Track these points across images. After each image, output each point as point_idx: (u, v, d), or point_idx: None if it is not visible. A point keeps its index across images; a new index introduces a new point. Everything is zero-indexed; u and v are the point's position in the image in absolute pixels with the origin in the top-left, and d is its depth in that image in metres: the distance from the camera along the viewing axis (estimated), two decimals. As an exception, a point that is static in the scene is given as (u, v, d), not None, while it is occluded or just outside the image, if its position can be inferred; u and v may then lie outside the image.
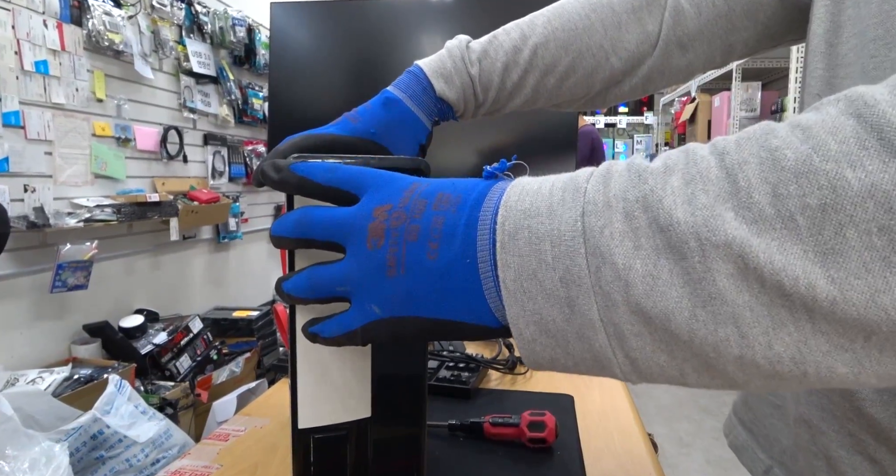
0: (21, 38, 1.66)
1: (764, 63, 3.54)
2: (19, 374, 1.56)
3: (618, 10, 0.53)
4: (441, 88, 0.51)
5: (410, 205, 0.27)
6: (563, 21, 0.53)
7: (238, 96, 2.69)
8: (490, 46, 0.52)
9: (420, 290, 0.26)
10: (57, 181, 1.80)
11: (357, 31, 1.07)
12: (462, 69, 0.51)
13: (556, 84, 0.54)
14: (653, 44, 0.54)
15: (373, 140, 0.49)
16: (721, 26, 0.52)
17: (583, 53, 0.53)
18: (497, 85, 0.52)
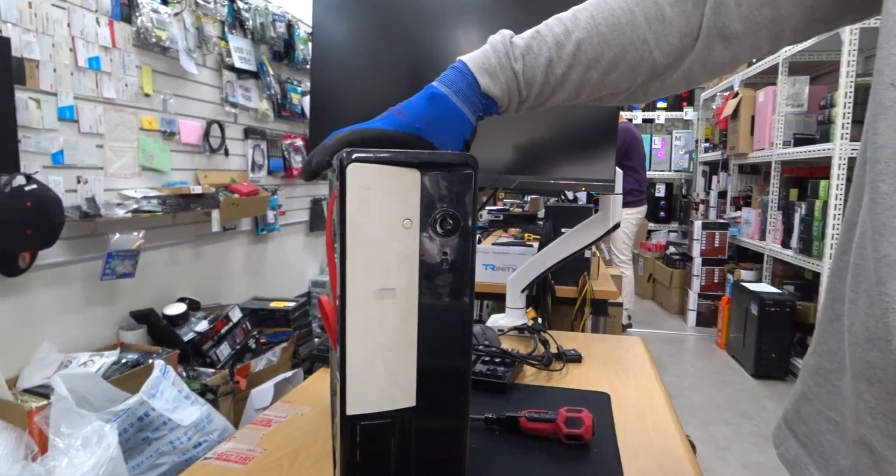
0: (76, 36, 1.73)
1: (812, 56, 3.41)
2: (72, 356, 1.64)
3: (661, 3, 0.53)
4: (486, 84, 0.52)
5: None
6: (606, 15, 0.53)
7: (277, 91, 2.74)
8: (533, 42, 0.53)
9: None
10: (107, 173, 1.87)
11: (398, 26, 1.08)
12: (506, 64, 0.52)
13: (599, 78, 0.54)
14: (695, 37, 0.53)
15: (418, 135, 0.49)
16: (765, 15, 0.51)
17: (626, 48, 0.53)
18: (541, 80, 0.53)
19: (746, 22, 0.52)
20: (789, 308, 3.08)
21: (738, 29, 0.52)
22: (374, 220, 0.37)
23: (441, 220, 0.38)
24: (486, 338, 0.94)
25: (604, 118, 0.97)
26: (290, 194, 3.05)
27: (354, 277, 0.36)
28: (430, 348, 0.39)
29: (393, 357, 0.37)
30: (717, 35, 0.53)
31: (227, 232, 2.52)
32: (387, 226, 0.37)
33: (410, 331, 0.38)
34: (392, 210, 0.37)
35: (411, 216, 0.38)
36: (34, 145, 1.61)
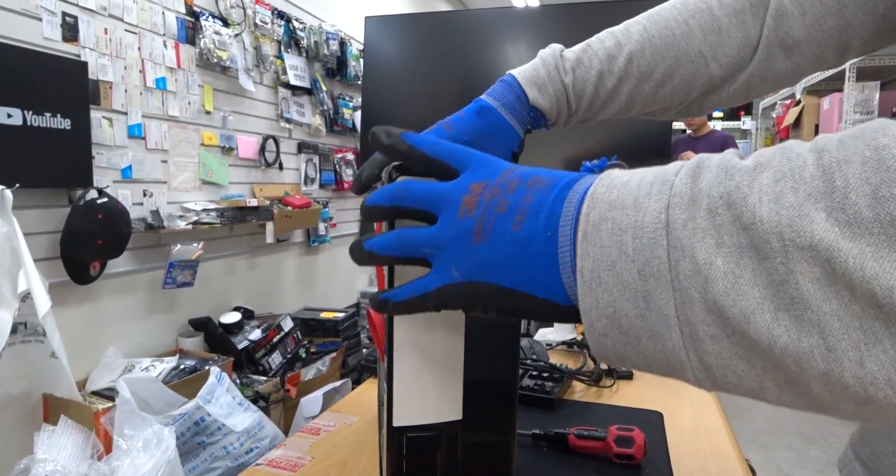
0: (145, 58, 1.84)
1: (882, 60, 3.23)
2: (135, 361, 1.72)
3: (718, 14, 0.51)
4: (534, 97, 0.51)
5: (505, 183, 0.28)
6: (659, 28, 0.51)
7: (330, 106, 2.82)
8: (584, 55, 0.52)
9: (500, 257, 0.27)
10: (170, 187, 1.97)
11: (446, 42, 1.09)
12: (556, 78, 0.51)
13: (651, 92, 0.53)
14: (754, 48, 0.51)
15: None
16: (831, 24, 0.49)
17: (680, 60, 0.51)
18: (591, 93, 0.52)
19: (811, 30, 0.50)
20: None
21: (801, 37, 0.50)
22: None
23: None
24: (534, 352, 0.93)
25: (656, 132, 0.95)
26: (341, 207, 3.12)
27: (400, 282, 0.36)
28: (477, 361, 0.38)
29: (440, 369, 0.37)
30: (779, 45, 0.51)
31: (280, 243, 2.60)
32: None
33: (458, 343, 0.38)
34: None
35: None
36: (106, 161, 1.72)
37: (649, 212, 0.23)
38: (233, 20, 2.20)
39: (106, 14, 1.71)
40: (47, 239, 1.56)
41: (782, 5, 0.50)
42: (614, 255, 0.24)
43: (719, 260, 0.21)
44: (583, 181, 0.27)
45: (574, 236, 0.25)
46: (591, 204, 0.25)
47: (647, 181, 0.24)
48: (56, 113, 1.49)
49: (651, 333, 0.23)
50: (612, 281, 0.24)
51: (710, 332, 0.21)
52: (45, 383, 1.48)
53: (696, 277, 0.21)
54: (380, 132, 0.32)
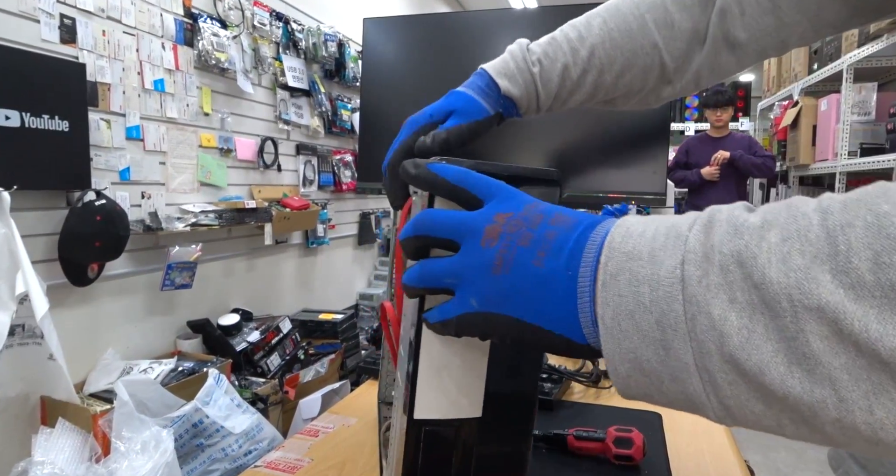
0: (143, 60, 1.84)
1: (880, 62, 3.24)
2: (133, 363, 1.72)
3: (671, 9, 0.55)
4: (505, 86, 0.54)
5: (529, 216, 0.29)
6: (618, 21, 0.55)
7: (328, 108, 2.82)
8: (549, 47, 0.55)
9: (519, 290, 0.28)
10: (168, 188, 1.97)
11: (445, 43, 1.10)
12: (524, 68, 0.54)
13: (612, 81, 0.56)
14: (701, 41, 0.56)
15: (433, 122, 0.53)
16: (768, 23, 0.53)
17: (637, 52, 0.55)
18: (557, 83, 0.55)
19: (750, 29, 0.54)
20: (858, 328, 2.89)
21: (742, 37, 0.54)
22: None
23: None
24: (532, 353, 0.92)
25: (654, 126, 0.95)
26: (340, 208, 3.12)
27: None
28: (501, 360, 0.39)
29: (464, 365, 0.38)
30: (723, 40, 0.55)
31: (278, 245, 2.60)
32: None
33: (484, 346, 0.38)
34: None
35: None
36: (104, 163, 1.71)
37: (665, 266, 0.24)
38: (231, 22, 2.20)
39: (104, 16, 1.71)
40: (45, 241, 1.55)
41: (725, 4, 0.54)
42: (632, 304, 0.25)
43: (733, 315, 0.22)
44: (603, 225, 0.28)
45: (593, 283, 0.26)
46: (609, 253, 0.26)
47: (661, 233, 0.25)
48: (54, 115, 1.49)
49: (672, 377, 0.24)
50: (631, 329, 0.25)
51: (728, 379, 0.23)
52: (42, 386, 1.48)
53: (711, 332, 0.22)
54: (408, 165, 0.34)
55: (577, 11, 1.00)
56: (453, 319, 0.30)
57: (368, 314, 3.29)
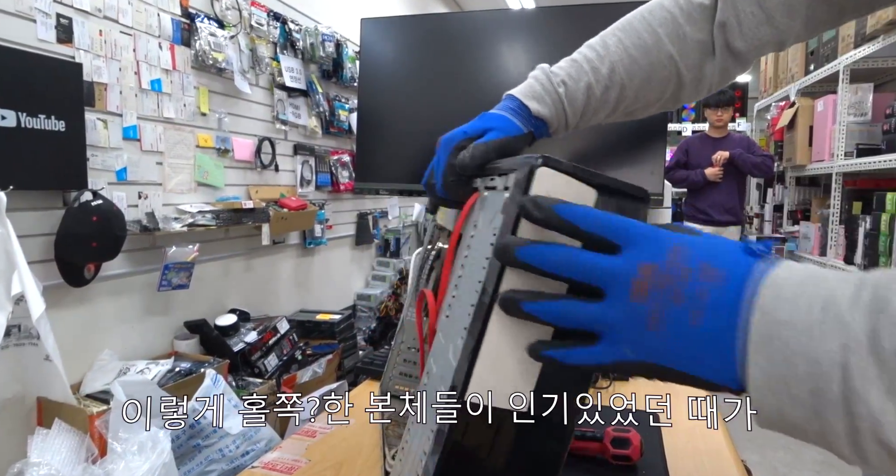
0: (140, 60, 1.84)
1: (876, 63, 3.25)
2: (130, 363, 1.71)
3: (680, 22, 0.58)
4: (535, 107, 0.57)
5: (676, 269, 0.30)
6: (633, 38, 0.59)
7: (326, 108, 2.82)
8: (571, 69, 0.58)
9: (678, 346, 0.29)
10: (165, 188, 1.96)
11: (442, 44, 1.09)
12: (551, 90, 0.57)
13: (633, 96, 0.60)
14: (711, 50, 0.60)
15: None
16: (764, 32, 0.57)
17: (654, 65, 0.59)
18: (583, 101, 0.58)
19: (748, 39, 0.58)
20: (854, 328, 2.90)
21: (741, 47, 0.58)
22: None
23: None
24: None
25: (652, 128, 0.95)
26: (337, 209, 3.12)
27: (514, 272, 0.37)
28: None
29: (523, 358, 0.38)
30: (726, 50, 0.59)
31: (276, 245, 2.60)
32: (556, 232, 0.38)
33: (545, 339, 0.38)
34: None
35: None
36: (101, 163, 1.71)
37: (823, 346, 0.25)
38: (228, 22, 2.20)
39: (101, 16, 1.70)
40: (41, 241, 1.55)
41: (724, 17, 0.57)
42: (785, 371, 0.26)
43: (890, 406, 0.24)
44: (753, 278, 0.28)
45: (745, 343, 0.28)
46: (761, 317, 0.27)
47: (816, 306, 0.26)
48: (50, 115, 1.49)
49: (820, 435, 0.26)
50: (782, 391, 0.26)
51: (878, 455, 0.25)
52: (39, 386, 1.47)
53: (868, 419, 0.24)
54: (529, 205, 0.33)
55: (575, 12, 1.00)
56: (609, 364, 0.31)
57: (366, 314, 3.28)
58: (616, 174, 0.45)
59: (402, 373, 0.68)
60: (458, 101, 1.05)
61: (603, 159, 0.97)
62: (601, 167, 0.97)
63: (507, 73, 1.02)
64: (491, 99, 0.60)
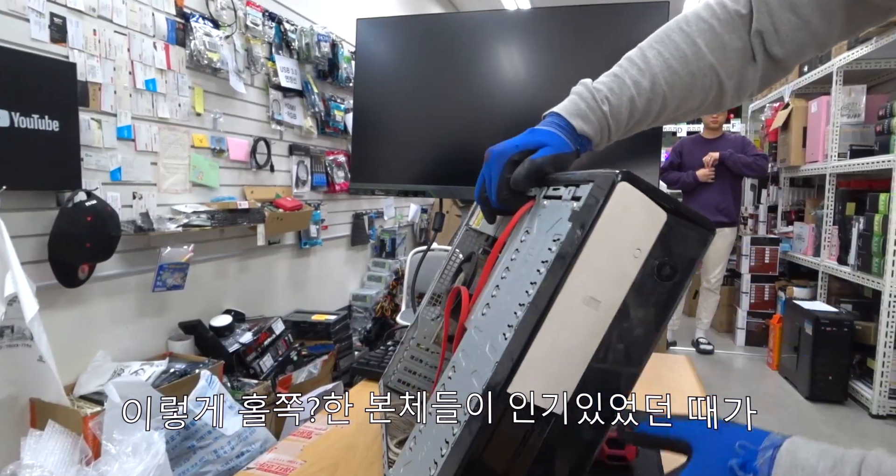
0: (135, 60, 1.83)
1: (869, 65, 3.27)
2: (124, 365, 1.71)
3: (719, 31, 0.59)
4: (580, 126, 0.58)
5: None
6: (671, 50, 0.59)
7: (321, 109, 2.81)
8: (614, 84, 0.59)
9: None
10: (160, 189, 1.95)
11: (438, 44, 1.10)
12: (595, 107, 0.58)
13: (675, 106, 0.61)
14: (751, 57, 0.60)
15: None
16: (802, 37, 0.57)
17: (695, 75, 0.59)
18: (626, 115, 0.59)
19: (786, 46, 0.58)
20: (847, 328, 2.92)
21: (780, 53, 0.59)
22: (616, 238, 0.40)
23: (663, 266, 0.41)
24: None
25: (646, 131, 0.95)
26: (333, 209, 3.11)
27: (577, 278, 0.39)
28: (599, 367, 0.40)
29: (568, 360, 0.39)
30: (766, 56, 0.60)
31: (271, 246, 2.59)
32: (622, 247, 0.41)
33: (592, 345, 0.40)
34: (633, 235, 0.41)
35: (643, 248, 0.41)
36: (95, 163, 1.70)
37: None
38: (223, 22, 2.19)
39: (95, 15, 1.70)
40: (35, 242, 1.54)
41: (760, 26, 0.58)
42: None
43: None
44: None
45: None
46: None
47: None
48: (44, 114, 1.48)
49: None
50: None
51: None
52: (32, 388, 1.46)
53: None
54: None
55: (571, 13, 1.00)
56: None
57: (361, 315, 3.28)
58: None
59: (407, 368, 0.69)
60: (453, 102, 1.05)
61: (598, 160, 0.98)
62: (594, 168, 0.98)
63: (502, 73, 1.03)
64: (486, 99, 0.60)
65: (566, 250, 0.40)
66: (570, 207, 0.44)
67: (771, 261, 3.99)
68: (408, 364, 0.69)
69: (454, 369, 0.49)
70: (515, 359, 0.39)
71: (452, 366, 0.50)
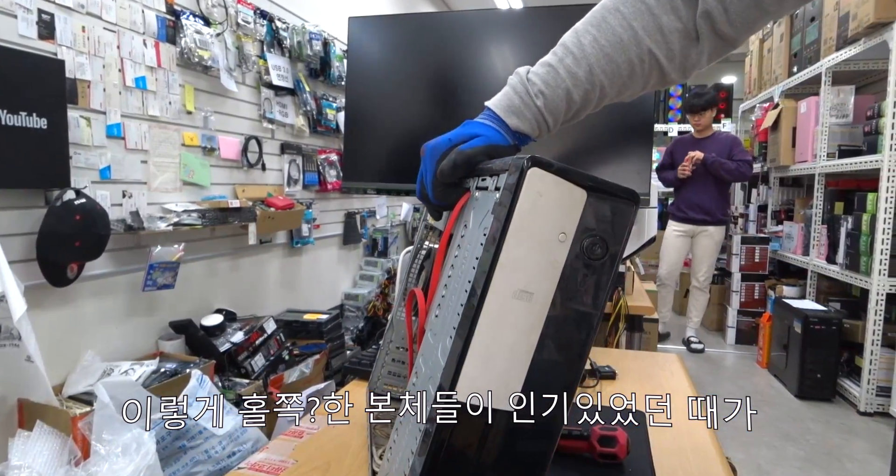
0: (124, 57, 1.81)
1: (857, 65, 3.31)
2: (114, 365, 1.69)
3: (657, 12, 0.55)
4: (514, 124, 0.56)
5: None
6: (608, 36, 0.56)
7: (313, 107, 2.80)
8: (549, 76, 0.57)
9: None
10: (150, 188, 1.94)
11: (430, 43, 1.09)
12: (530, 103, 0.56)
13: (615, 92, 0.59)
14: (694, 38, 0.57)
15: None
16: (753, 15, 0.54)
17: (633, 62, 0.56)
18: (563, 108, 0.57)
19: (736, 24, 0.55)
20: (836, 326, 2.95)
21: (730, 32, 0.56)
22: (536, 226, 0.39)
23: (591, 244, 0.40)
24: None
25: (638, 129, 0.96)
26: (325, 208, 3.10)
27: (503, 273, 0.38)
28: (544, 359, 0.39)
29: (510, 357, 0.38)
30: (714, 35, 0.57)
31: (262, 245, 2.58)
32: (545, 234, 0.39)
33: (532, 339, 0.39)
34: (554, 220, 0.39)
35: (567, 231, 0.39)
36: (84, 161, 1.68)
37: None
38: (214, 19, 2.18)
39: (83, 12, 1.68)
40: (23, 240, 1.52)
41: (706, 6, 0.55)
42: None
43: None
44: None
45: None
46: None
47: None
48: (32, 112, 1.46)
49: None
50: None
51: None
52: (20, 388, 1.45)
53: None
54: None
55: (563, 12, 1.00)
56: None
57: (353, 314, 3.27)
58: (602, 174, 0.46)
59: (392, 372, 0.68)
60: (446, 101, 1.05)
61: (589, 160, 0.98)
62: (588, 167, 0.98)
63: (494, 72, 1.03)
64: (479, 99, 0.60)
65: (489, 245, 0.39)
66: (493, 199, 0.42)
67: (761, 260, 4.02)
68: (391, 367, 0.69)
69: (416, 375, 0.49)
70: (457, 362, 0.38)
71: (415, 371, 0.50)
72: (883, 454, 2.33)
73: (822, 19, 3.33)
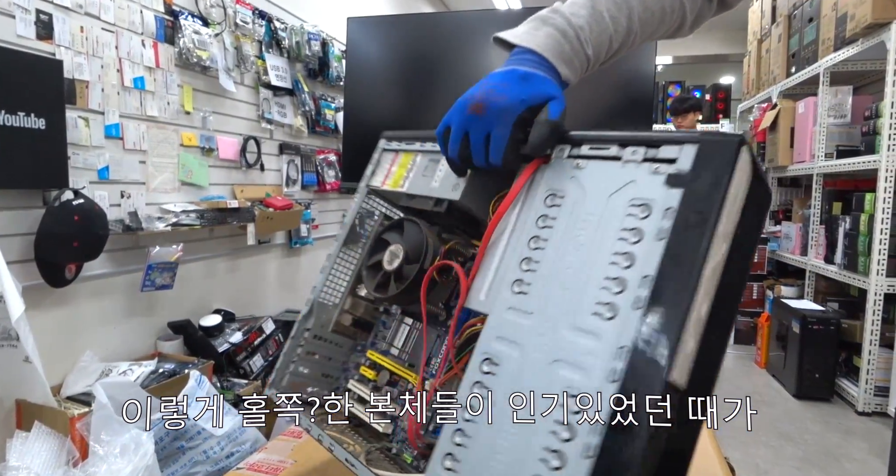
0: (123, 57, 1.81)
1: (855, 66, 3.31)
2: (112, 365, 1.69)
3: None
4: (566, 74, 0.54)
5: None
6: None
7: (312, 107, 2.80)
8: (593, 21, 0.55)
9: None
10: (149, 188, 1.94)
11: (429, 43, 1.09)
12: (580, 50, 0.54)
13: (641, 41, 0.60)
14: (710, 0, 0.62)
15: None
16: None
17: (665, 11, 0.59)
18: (604, 56, 0.57)
19: None
20: (834, 326, 2.95)
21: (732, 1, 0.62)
22: (737, 201, 0.39)
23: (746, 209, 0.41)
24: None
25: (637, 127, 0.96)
26: (324, 208, 3.10)
27: (718, 243, 0.38)
28: (709, 334, 0.38)
29: (694, 333, 0.37)
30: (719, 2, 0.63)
31: (261, 245, 2.58)
32: (735, 205, 0.40)
33: (704, 310, 0.38)
34: (742, 193, 0.40)
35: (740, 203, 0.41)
36: (82, 162, 1.68)
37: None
38: (213, 19, 2.17)
39: (82, 12, 1.68)
40: (21, 241, 1.52)
41: None
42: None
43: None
44: None
45: None
46: None
47: None
48: (30, 112, 1.46)
49: None
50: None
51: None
52: (18, 389, 1.45)
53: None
54: None
55: (561, 13, 1.01)
56: None
57: (352, 314, 3.27)
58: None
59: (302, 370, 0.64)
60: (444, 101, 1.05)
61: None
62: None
63: (493, 73, 1.03)
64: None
65: (700, 217, 0.38)
66: (643, 169, 0.42)
67: (759, 260, 4.03)
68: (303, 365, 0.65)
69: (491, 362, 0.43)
70: (675, 340, 0.34)
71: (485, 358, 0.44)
72: (881, 454, 2.34)
73: (820, 20, 3.34)
